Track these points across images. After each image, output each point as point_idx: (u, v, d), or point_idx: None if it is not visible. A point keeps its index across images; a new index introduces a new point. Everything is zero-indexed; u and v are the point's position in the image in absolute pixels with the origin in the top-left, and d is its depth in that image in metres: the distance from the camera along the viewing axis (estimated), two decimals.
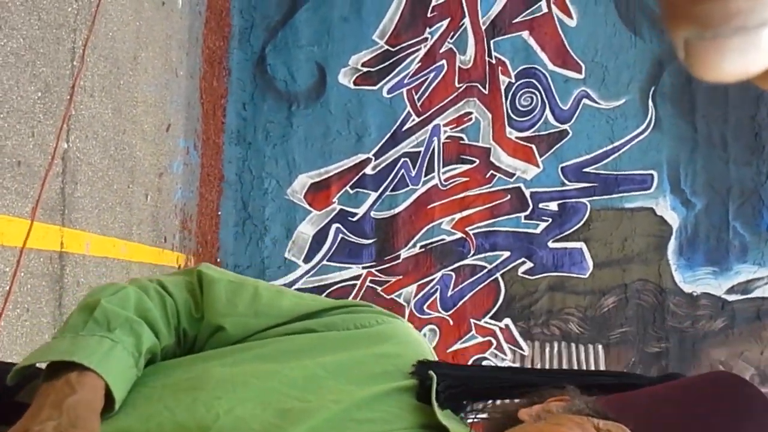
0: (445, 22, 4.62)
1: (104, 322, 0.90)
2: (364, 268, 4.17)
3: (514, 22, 4.66)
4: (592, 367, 4.37)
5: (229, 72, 4.34)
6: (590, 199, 4.48)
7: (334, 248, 4.14)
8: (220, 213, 3.90)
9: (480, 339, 4.28)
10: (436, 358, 0.96)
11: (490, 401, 0.94)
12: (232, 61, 4.39)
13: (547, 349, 4.35)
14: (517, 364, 4.29)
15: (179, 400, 0.85)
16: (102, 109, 2.92)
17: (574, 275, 4.43)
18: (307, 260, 4.10)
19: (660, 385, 0.89)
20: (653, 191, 4.55)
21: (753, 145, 4.63)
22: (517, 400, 0.90)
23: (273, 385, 0.87)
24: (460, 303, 4.28)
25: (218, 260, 3.95)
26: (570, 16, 4.68)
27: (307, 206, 4.15)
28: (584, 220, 4.45)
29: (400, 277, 4.21)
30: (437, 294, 4.25)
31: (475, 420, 0.90)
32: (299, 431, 0.81)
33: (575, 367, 4.36)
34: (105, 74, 2.98)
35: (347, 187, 4.21)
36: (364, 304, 1.02)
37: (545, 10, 4.68)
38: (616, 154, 4.54)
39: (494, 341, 4.29)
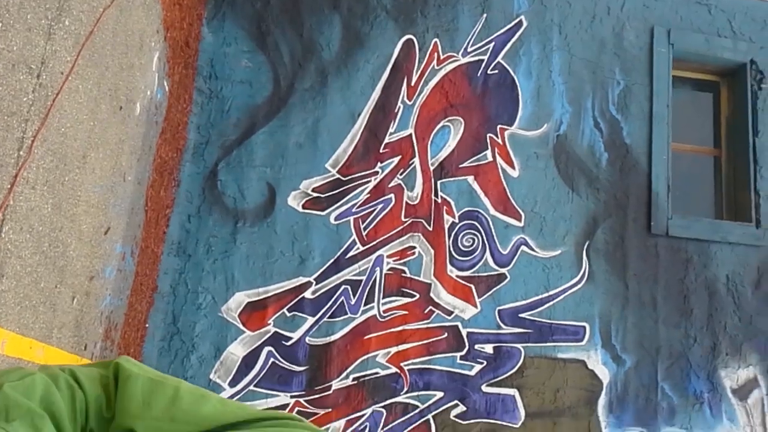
0: (396, 159, 4.76)
1: (3, 411, 0.82)
2: (292, 397, 4.00)
3: (460, 166, 4.84)
4: None
5: (178, 183, 4.30)
6: (525, 345, 4.50)
7: (263, 373, 3.98)
8: (147, 325, 3.73)
9: None
10: None
11: None
12: (183, 173, 4.37)
13: None
14: None
15: None
16: (42, 203, 2.81)
17: (506, 423, 4.35)
18: (233, 383, 3.91)
19: None
20: (585, 344, 4.60)
21: (682, 307, 4.79)
22: None
23: None
24: None
25: None
26: (513, 167, 4.90)
27: (240, 326, 4.02)
28: (518, 365, 4.44)
29: (330, 409, 4.05)
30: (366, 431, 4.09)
31: None
32: None
33: None
34: (51, 168, 2.90)
35: (284, 310, 4.12)
36: (293, 417, 0.95)
37: (490, 158, 4.88)
38: (551, 303, 4.62)
39: None
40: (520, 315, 4.54)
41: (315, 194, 4.54)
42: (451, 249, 4.61)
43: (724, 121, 5.49)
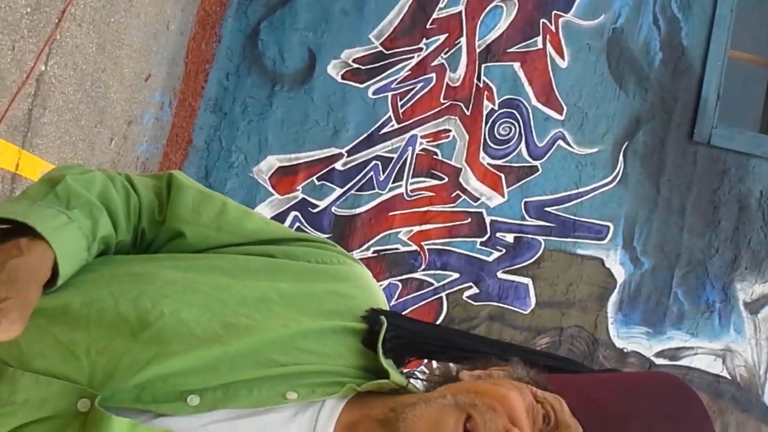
0: (442, 37, 4.65)
1: (65, 199, 0.87)
2: None
3: (508, 51, 4.72)
4: None
5: (219, 39, 4.28)
6: (545, 238, 4.56)
7: None
8: None
9: None
10: (389, 310, 0.95)
11: (433, 361, 0.93)
12: (225, 29, 4.34)
13: None
14: None
15: (125, 291, 0.83)
16: (87, 41, 2.86)
17: (516, 309, 4.49)
18: None
19: (602, 373, 0.90)
20: (606, 243, 4.64)
21: (710, 218, 4.77)
22: (460, 365, 0.89)
23: (223, 297, 0.85)
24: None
25: None
26: (562, 57, 4.76)
27: (270, 188, 4.13)
28: (536, 257, 4.52)
29: None
30: None
31: (416, 378, 0.90)
32: (241, 345, 0.80)
33: None
34: (97, 8, 2.92)
35: (314, 178, 4.20)
36: (328, 241, 1.01)
37: (540, 46, 4.74)
38: (579, 200, 4.63)
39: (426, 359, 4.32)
40: (546, 209, 4.57)
41: (355, 65, 4.49)
42: (487, 136, 4.59)
43: None
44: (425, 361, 0.94)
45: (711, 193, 4.77)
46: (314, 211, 4.18)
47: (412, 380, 0.89)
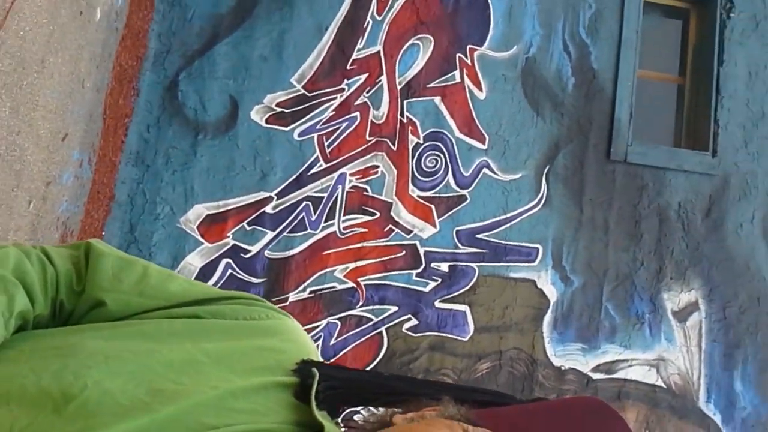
0: (363, 77, 4.74)
1: None
2: None
3: (428, 86, 4.84)
4: None
5: (137, 92, 4.25)
6: (479, 264, 4.64)
7: (221, 283, 4.08)
8: (104, 233, 3.76)
9: None
10: (321, 360, 0.95)
11: (368, 408, 0.93)
12: (143, 83, 4.31)
13: None
14: None
15: (47, 365, 0.81)
16: (0, 105, 2.80)
17: (455, 337, 4.54)
18: None
19: (530, 403, 0.92)
20: (537, 264, 4.76)
21: (632, 232, 4.95)
22: (393, 409, 0.90)
23: (148, 363, 0.83)
24: (342, 353, 4.29)
25: None
26: (480, 89, 4.91)
27: (198, 237, 4.08)
28: (471, 284, 4.60)
29: None
30: (320, 342, 4.25)
31: (350, 428, 0.90)
32: (168, 411, 0.78)
33: None
34: (9, 71, 2.87)
35: (244, 223, 4.18)
36: (255, 297, 1.00)
37: (458, 79, 4.88)
38: (508, 225, 4.75)
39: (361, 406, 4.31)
40: (477, 236, 4.67)
41: (279, 109, 4.53)
42: (414, 169, 4.68)
43: (691, 49, 5.51)
44: (360, 408, 0.94)
45: (632, 208, 4.96)
46: (246, 256, 4.15)
47: (347, 429, 0.89)
